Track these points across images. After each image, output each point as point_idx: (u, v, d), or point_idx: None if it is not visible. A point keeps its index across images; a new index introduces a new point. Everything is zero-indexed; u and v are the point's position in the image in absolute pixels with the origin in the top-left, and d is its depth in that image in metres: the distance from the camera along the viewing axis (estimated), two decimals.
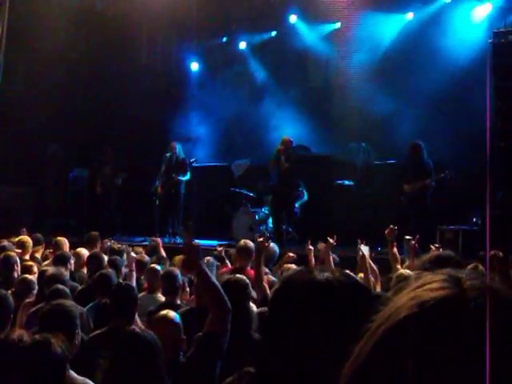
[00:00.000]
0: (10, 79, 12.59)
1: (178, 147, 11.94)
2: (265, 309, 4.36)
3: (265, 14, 13.66)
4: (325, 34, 13.23)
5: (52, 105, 13.02)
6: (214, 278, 3.61)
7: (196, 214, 12.57)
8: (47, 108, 12.95)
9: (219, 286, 3.52)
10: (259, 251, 5.35)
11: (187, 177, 11.82)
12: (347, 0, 12.81)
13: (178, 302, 5.42)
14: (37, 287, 5.59)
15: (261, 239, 5.38)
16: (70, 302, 3.58)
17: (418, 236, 6.10)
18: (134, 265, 6.46)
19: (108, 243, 8.21)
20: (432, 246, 5.64)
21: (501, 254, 4.53)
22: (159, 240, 8.34)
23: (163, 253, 7.82)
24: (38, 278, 5.73)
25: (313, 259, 6.76)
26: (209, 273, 3.54)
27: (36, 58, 12.81)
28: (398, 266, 5.63)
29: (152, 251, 7.90)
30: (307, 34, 13.34)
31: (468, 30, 11.71)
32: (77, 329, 3.39)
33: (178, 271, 5.65)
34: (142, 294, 5.63)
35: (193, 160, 11.84)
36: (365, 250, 5.83)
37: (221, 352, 3.35)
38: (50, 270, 5.68)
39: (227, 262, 7.46)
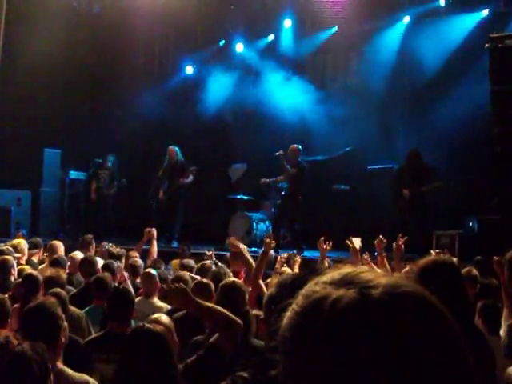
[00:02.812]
0: (8, 81, 12.56)
1: (177, 151, 11.88)
2: (260, 312, 4.34)
3: (262, 18, 13.68)
4: (321, 39, 13.25)
5: (49, 108, 13.00)
6: (211, 305, 3.60)
7: (192, 218, 12.53)
8: (44, 111, 12.93)
9: (220, 309, 3.50)
10: (265, 252, 5.31)
11: (191, 179, 11.75)
12: (343, 5, 12.81)
13: None
14: None
15: (268, 240, 5.37)
16: (50, 301, 3.47)
17: (406, 237, 5.85)
18: (124, 274, 6.40)
19: (106, 247, 8.18)
20: (432, 252, 5.56)
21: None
22: (154, 231, 8.04)
23: (155, 246, 7.91)
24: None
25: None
26: (204, 303, 3.53)
27: (33, 60, 12.79)
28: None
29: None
30: (304, 37, 13.36)
31: (465, 35, 11.74)
32: (60, 328, 3.29)
33: (188, 276, 5.57)
34: (138, 299, 5.59)
35: (192, 168, 11.75)
36: (356, 241, 5.68)
37: (222, 365, 3.31)
38: (48, 272, 5.65)
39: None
